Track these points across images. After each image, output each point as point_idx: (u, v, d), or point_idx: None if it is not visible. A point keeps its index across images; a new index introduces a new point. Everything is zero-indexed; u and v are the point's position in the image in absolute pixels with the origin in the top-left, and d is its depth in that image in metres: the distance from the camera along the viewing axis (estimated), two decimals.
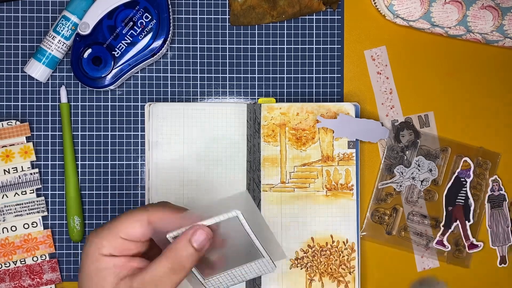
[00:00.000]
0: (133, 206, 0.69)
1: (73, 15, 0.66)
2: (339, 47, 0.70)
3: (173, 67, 0.70)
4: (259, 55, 0.70)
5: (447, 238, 0.70)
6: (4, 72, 0.69)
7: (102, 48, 0.65)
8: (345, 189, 0.68)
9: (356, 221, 0.68)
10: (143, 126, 0.69)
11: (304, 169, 0.68)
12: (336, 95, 0.70)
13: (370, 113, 0.70)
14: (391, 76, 0.71)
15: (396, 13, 0.68)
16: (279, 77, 0.70)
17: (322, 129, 0.68)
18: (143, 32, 0.66)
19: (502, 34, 0.68)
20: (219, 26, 0.70)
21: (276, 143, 0.68)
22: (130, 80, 0.69)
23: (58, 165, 0.69)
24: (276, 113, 0.68)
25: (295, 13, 0.69)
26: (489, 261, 0.71)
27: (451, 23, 0.68)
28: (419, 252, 0.70)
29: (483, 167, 0.71)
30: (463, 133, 0.71)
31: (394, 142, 0.70)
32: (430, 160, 0.70)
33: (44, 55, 0.67)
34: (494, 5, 0.67)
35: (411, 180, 0.70)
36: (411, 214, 0.70)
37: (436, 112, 0.71)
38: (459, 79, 0.71)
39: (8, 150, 0.67)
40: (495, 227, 0.71)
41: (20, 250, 0.67)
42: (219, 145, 0.68)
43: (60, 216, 0.69)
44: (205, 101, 0.70)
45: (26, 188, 0.68)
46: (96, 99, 0.69)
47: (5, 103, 0.69)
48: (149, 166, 0.68)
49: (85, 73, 0.66)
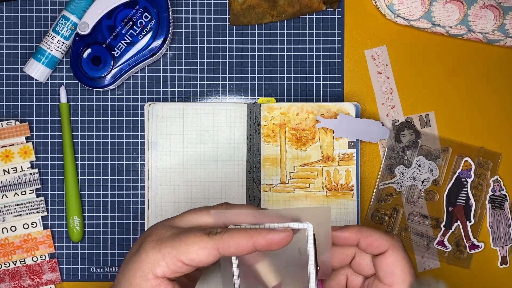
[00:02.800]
0: (133, 207, 0.69)
1: (72, 15, 0.66)
2: (339, 46, 0.70)
3: (173, 67, 0.69)
4: (259, 55, 0.70)
5: (448, 239, 0.70)
6: (4, 72, 0.69)
7: (101, 48, 0.65)
8: (345, 190, 0.68)
9: (357, 222, 0.68)
10: (142, 126, 0.69)
11: (304, 169, 0.68)
12: (336, 95, 0.70)
13: (371, 113, 0.70)
14: (392, 76, 0.70)
15: (396, 13, 0.68)
16: (279, 77, 0.70)
17: (322, 129, 0.68)
18: (142, 32, 0.65)
19: (503, 34, 0.68)
20: (219, 26, 0.70)
21: (276, 143, 0.68)
22: (129, 80, 0.69)
23: (58, 165, 0.69)
24: (276, 113, 0.68)
25: (295, 12, 0.69)
26: (490, 262, 0.71)
27: (452, 23, 0.68)
28: (419, 253, 0.70)
29: (484, 167, 0.70)
30: (464, 133, 0.71)
31: (394, 142, 0.69)
32: (430, 160, 0.70)
33: (43, 55, 0.67)
34: (495, 4, 0.67)
35: (411, 180, 0.70)
36: (411, 214, 0.70)
37: (437, 112, 0.71)
38: (460, 79, 0.71)
39: (8, 150, 0.67)
40: (496, 228, 0.71)
41: (20, 250, 0.67)
42: (219, 145, 0.68)
43: (59, 216, 0.69)
44: (205, 101, 0.70)
45: (25, 188, 0.68)
46: (95, 99, 0.69)
47: (4, 103, 0.69)
48: (149, 166, 0.67)
49: (84, 73, 0.66)
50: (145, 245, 0.47)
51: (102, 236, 0.69)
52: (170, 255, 0.45)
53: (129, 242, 0.69)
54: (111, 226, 0.69)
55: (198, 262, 0.46)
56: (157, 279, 0.46)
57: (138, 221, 0.69)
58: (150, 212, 0.67)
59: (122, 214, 0.69)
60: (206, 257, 0.45)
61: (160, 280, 0.46)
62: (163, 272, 0.46)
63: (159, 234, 0.47)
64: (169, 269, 0.46)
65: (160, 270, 0.46)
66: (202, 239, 0.45)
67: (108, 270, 0.69)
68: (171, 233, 0.47)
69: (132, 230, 0.69)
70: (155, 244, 0.46)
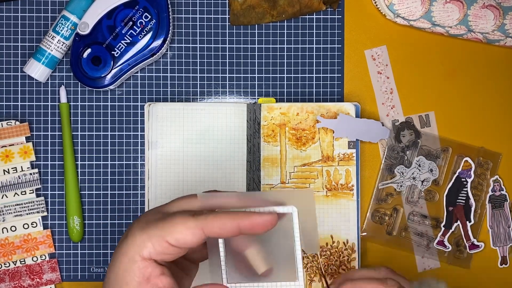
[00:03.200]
0: (133, 207, 0.69)
1: (72, 15, 0.66)
2: (339, 46, 0.70)
3: (173, 67, 0.69)
4: (259, 55, 0.70)
5: (448, 239, 0.70)
6: (4, 72, 0.69)
7: (101, 48, 0.65)
8: (345, 189, 0.68)
9: (357, 222, 0.68)
10: (142, 126, 0.69)
11: (304, 169, 0.68)
12: (336, 95, 0.70)
13: (371, 113, 0.70)
14: (392, 76, 0.70)
15: (396, 13, 0.68)
16: (279, 77, 0.70)
17: (322, 129, 0.68)
18: (142, 32, 0.65)
19: (503, 34, 0.68)
20: (219, 26, 0.70)
21: (276, 143, 0.68)
22: (129, 80, 0.69)
23: (58, 165, 0.69)
24: (276, 113, 0.68)
25: (295, 12, 0.69)
26: (490, 262, 0.71)
27: (452, 23, 0.68)
28: (419, 253, 0.70)
29: (484, 167, 0.70)
30: (464, 133, 0.71)
31: (394, 142, 0.69)
32: (430, 160, 0.70)
33: (43, 55, 0.67)
34: (495, 4, 0.67)
35: (411, 180, 0.70)
36: (411, 214, 0.70)
37: (437, 112, 0.71)
38: (460, 79, 0.71)
39: (8, 150, 0.67)
40: (496, 228, 0.71)
41: (20, 250, 0.67)
42: (219, 145, 0.68)
43: (59, 216, 0.69)
44: (205, 101, 0.70)
45: (25, 188, 0.68)
46: (95, 99, 0.69)
47: (4, 103, 0.69)
48: (149, 166, 0.67)
49: (84, 73, 0.66)
50: (133, 229, 0.48)
51: (102, 236, 0.69)
52: (156, 235, 0.46)
53: None
54: (111, 226, 0.69)
55: (183, 243, 0.46)
56: (144, 261, 0.46)
57: None
58: None
59: (122, 214, 0.69)
60: (191, 238, 0.46)
61: (147, 262, 0.46)
62: (149, 253, 0.46)
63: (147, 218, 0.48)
64: (155, 250, 0.46)
65: (147, 251, 0.46)
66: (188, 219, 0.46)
67: None
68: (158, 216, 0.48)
69: None
70: (143, 226, 0.47)
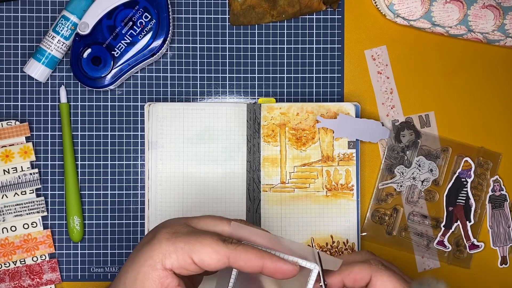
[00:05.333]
0: (133, 207, 0.69)
1: (72, 15, 0.66)
2: (339, 46, 0.70)
3: (173, 67, 0.69)
4: (259, 55, 0.70)
5: (448, 239, 0.70)
6: (4, 72, 0.69)
7: (101, 48, 0.65)
8: (345, 189, 0.68)
9: (356, 222, 0.68)
10: (142, 126, 0.69)
11: (304, 169, 0.68)
12: (336, 95, 0.70)
13: (371, 113, 0.70)
14: (392, 76, 0.70)
15: (396, 13, 0.68)
16: (279, 77, 0.70)
17: (322, 129, 0.68)
18: (142, 32, 0.65)
19: (503, 34, 0.68)
20: (219, 26, 0.70)
21: (276, 143, 0.68)
22: (129, 80, 0.69)
23: (58, 165, 0.69)
24: (276, 113, 0.68)
25: (295, 12, 0.69)
26: (490, 262, 0.71)
27: (452, 23, 0.68)
28: (419, 253, 0.70)
29: (484, 167, 0.70)
30: (464, 133, 0.71)
31: (394, 142, 0.69)
32: (430, 160, 0.70)
33: (43, 55, 0.67)
34: (495, 4, 0.67)
35: (411, 180, 0.70)
36: (411, 214, 0.70)
37: (437, 112, 0.71)
38: (460, 79, 0.71)
39: (8, 150, 0.67)
40: (496, 228, 0.71)
41: (20, 250, 0.67)
42: (219, 145, 0.68)
43: (60, 216, 0.69)
44: (205, 101, 0.70)
45: (25, 188, 0.68)
46: (95, 99, 0.69)
47: (4, 103, 0.69)
48: (149, 166, 0.67)
49: (84, 73, 0.66)
50: (160, 235, 0.48)
51: (102, 236, 0.69)
52: (183, 250, 0.46)
53: (129, 242, 0.69)
54: (111, 226, 0.69)
55: (206, 265, 0.47)
56: (165, 271, 0.47)
57: (138, 221, 0.69)
58: (150, 212, 0.67)
59: (122, 214, 0.69)
60: (215, 262, 0.46)
61: (167, 272, 0.47)
62: (171, 264, 0.46)
63: (175, 229, 0.48)
64: (178, 263, 0.46)
65: (170, 262, 0.46)
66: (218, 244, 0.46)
67: (108, 270, 0.69)
68: (188, 230, 0.48)
69: (132, 230, 0.69)
70: (170, 236, 0.47)
